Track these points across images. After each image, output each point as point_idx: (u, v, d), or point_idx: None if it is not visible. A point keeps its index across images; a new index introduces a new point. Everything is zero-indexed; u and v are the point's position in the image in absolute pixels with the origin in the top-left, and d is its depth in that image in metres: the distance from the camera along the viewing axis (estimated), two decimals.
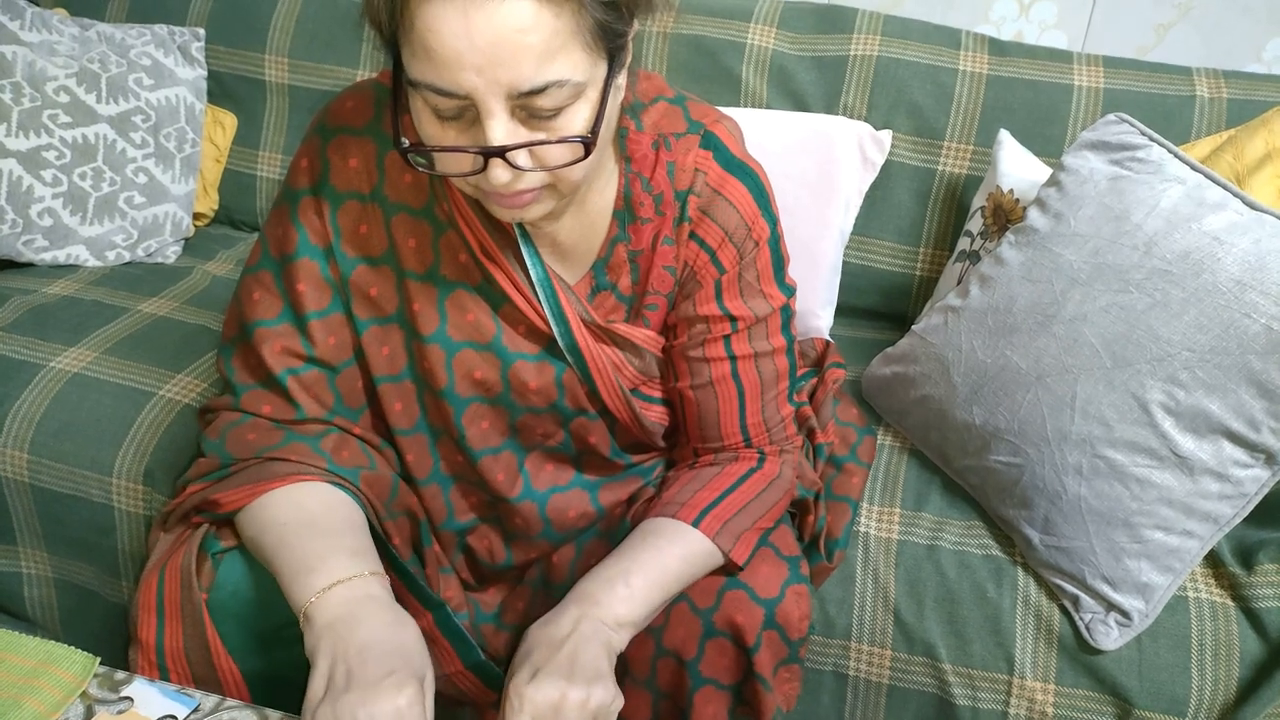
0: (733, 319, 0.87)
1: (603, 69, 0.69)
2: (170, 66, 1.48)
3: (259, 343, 0.83)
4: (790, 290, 0.90)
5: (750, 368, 0.89)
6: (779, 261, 0.88)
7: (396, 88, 0.70)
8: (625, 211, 0.84)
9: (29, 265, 1.40)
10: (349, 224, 0.82)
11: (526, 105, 0.66)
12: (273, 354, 0.83)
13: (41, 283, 1.35)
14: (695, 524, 0.84)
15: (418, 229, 0.82)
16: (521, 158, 0.68)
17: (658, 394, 0.92)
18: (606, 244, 0.84)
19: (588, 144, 0.69)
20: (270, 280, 0.83)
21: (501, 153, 0.66)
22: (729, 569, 0.86)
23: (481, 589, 0.97)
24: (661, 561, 0.81)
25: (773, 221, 0.86)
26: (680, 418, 0.94)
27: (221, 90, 1.56)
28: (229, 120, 1.57)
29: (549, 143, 0.68)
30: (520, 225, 0.81)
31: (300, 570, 0.73)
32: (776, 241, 0.87)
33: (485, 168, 0.68)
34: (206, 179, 1.56)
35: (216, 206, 1.59)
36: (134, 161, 1.43)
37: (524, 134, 0.67)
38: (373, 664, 0.66)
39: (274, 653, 0.83)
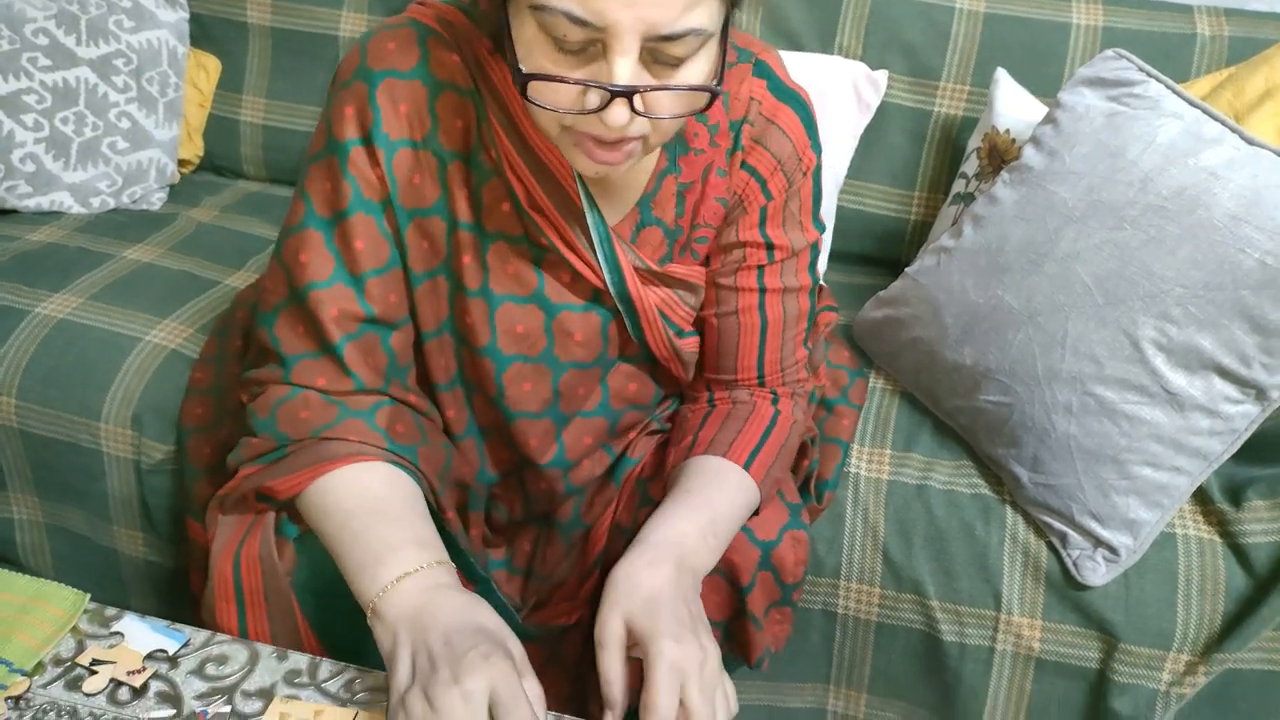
0: (771, 248, 0.85)
1: (722, 21, 0.67)
2: (151, 8, 1.45)
3: (314, 307, 0.77)
4: (822, 227, 0.89)
5: (776, 302, 0.88)
6: (819, 195, 0.87)
7: (503, 9, 0.67)
8: (676, 144, 0.81)
9: (12, 212, 1.38)
10: (403, 174, 0.77)
11: (656, 50, 0.64)
12: (330, 319, 0.77)
13: (25, 229, 1.33)
14: (746, 467, 0.84)
15: (466, 176, 0.79)
16: (641, 102, 0.65)
17: (690, 327, 0.90)
18: (654, 178, 0.82)
19: (714, 94, 0.67)
20: (319, 240, 0.77)
21: (632, 93, 0.64)
22: None
23: (494, 539, 0.97)
24: (734, 514, 0.82)
25: (819, 151, 0.85)
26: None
27: (203, 33, 1.53)
28: (212, 64, 1.54)
29: (679, 89, 0.65)
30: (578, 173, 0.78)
31: (367, 562, 0.70)
32: (819, 173, 0.86)
33: (604, 108, 0.64)
34: (191, 124, 1.53)
35: (201, 153, 1.56)
36: (116, 106, 1.41)
37: (646, 78, 0.65)
38: (457, 644, 0.64)
39: (358, 625, 0.81)
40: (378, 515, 0.74)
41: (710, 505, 0.80)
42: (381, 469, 0.77)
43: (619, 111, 0.64)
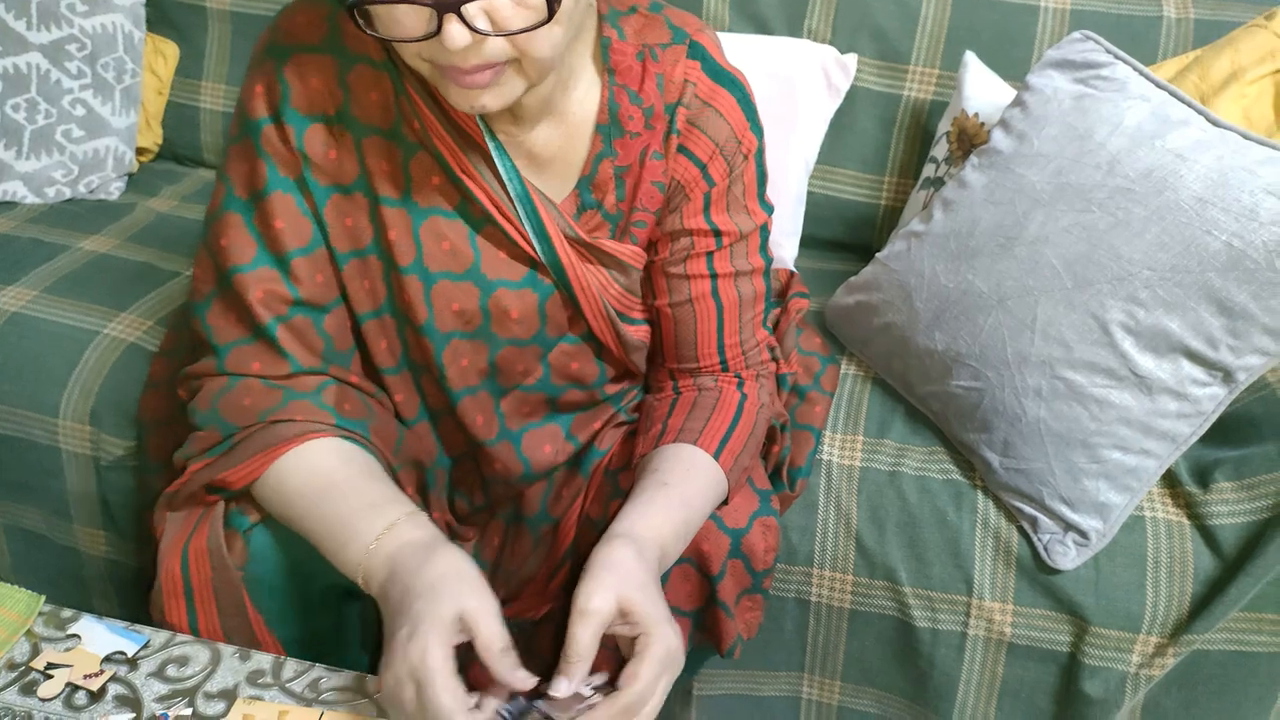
0: (718, 234, 0.85)
1: None
2: None
3: (241, 290, 0.76)
4: (770, 209, 0.88)
5: (730, 286, 0.87)
6: (763, 177, 0.86)
7: None
8: (611, 126, 0.80)
9: None
10: (317, 149, 0.76)
11: None
12: (256, 301, 0.76)
13: None
14: (715, 456, 0.83)
15: (389, 152, 0.78)
16: (480, 20, 0.64)
17: (639, 315, 0.90)
18: (591, 160, 0.81)
19: (550, 3, 0.64)
20: (239, 222, 0.77)
21: (457, 6, 0.62)
22: None
23: (460, 528, 0.95)
24: (705, 509, 0.82)
25: (759, 134, 0.84)
26: (657, 337, 0.92)
27: (160, 17, 1.49)
28: (170, 49, 1.50)
29: None
30: (495, 138, 0.77)
31: (336, 545, 0.71)
32: (762, 155, 0.85)
33: (440, 30, 0.63)
34: (149, 111, 1.50)
35: (160, 140, 1.53)
36: (70, 93, 1.37)
37: None
38: (398, 620, 0.65)
39: (313, 618, 0.81)
40: (333, 491, 0.73)
41: (687, 503, 0.80)
42: (330, 443, 0.76)
43: (455, 29, 0.63)
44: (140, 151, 1.50)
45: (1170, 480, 1.02)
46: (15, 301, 1.15)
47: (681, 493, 0.80)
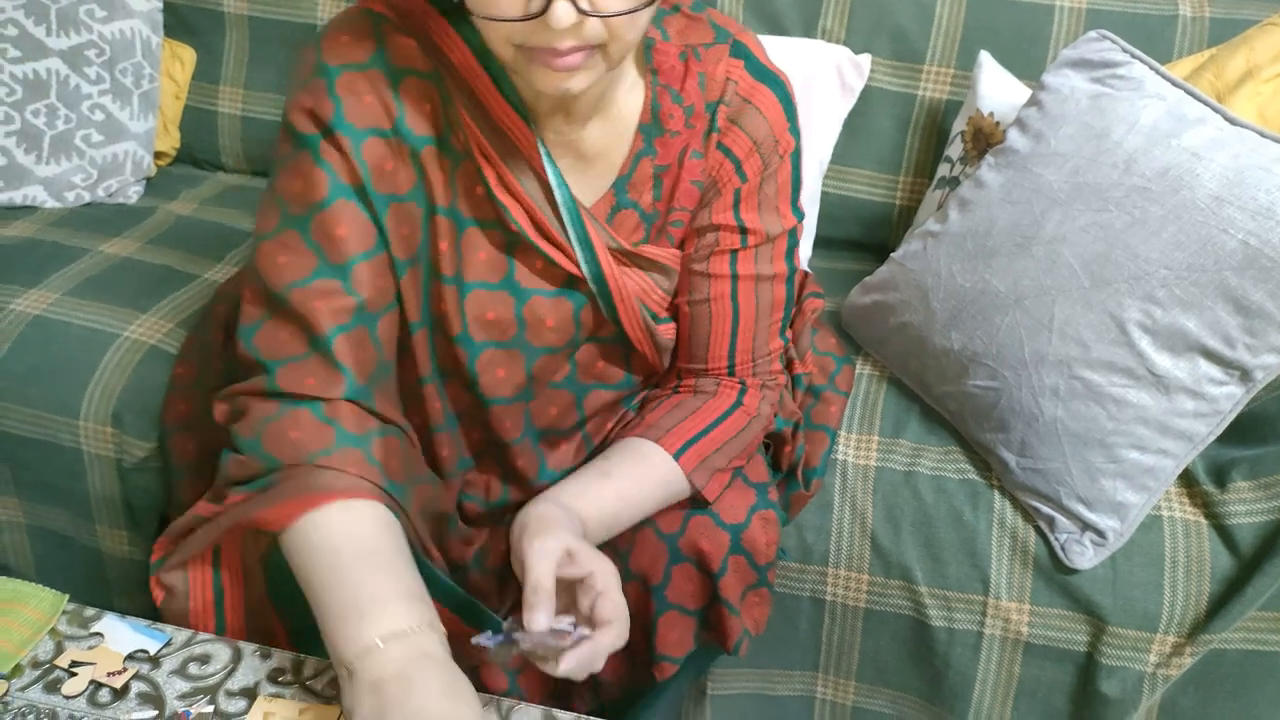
0: (744, 232, 0.84)
1: None
2: None
3: (299, 305, 0.74)
4: (801, 215, 0.88)
5: (749, 290, 0.87)
6: (797, 180, 0.86)
7: None
8: (652, 125, 0.81)
9: None
10: (374, 161, 0.76)
11: None
12: (318, 313, 0.74)
13: None
14: (676, 456, 0.83)
15: (441, 161, 0.78)
16: (584, 1, 0.64)
17: (666, 313, 0.90)
18: (630, 160, 0.81)
19: None
20: (296, 240, 0.75)
21: None
22: (699, 501, 0.86)
23: (468, 532, 0.96)
24: (645, 505, 0.83)
25: (798, 135, 0.84)
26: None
27: (178, 23, 1.51)
28: (187, 55, 1.51)
29: None
30: (543, 142, 0.78)
31: (350, 611, 0.66)
32: (798, 158, 0.85)
33: (547, 9, 0.63)
34: (166, 116, 1.51)
35: (178, 145, 1.54)
36: (89, 98, 1.39)
37: None
38: (386, 711, 0.61)
39: None
40: (369, 559, 0.69)
41: (622, 497, 0.82)
42: (374, 510, 0.72)
43: (563, 8, 0.63)
44: (158, 156, 1.52)
45: (1187, 479, 1.02)
46: (38, 304, 1.16)
47: (620, 487, 0.82)
